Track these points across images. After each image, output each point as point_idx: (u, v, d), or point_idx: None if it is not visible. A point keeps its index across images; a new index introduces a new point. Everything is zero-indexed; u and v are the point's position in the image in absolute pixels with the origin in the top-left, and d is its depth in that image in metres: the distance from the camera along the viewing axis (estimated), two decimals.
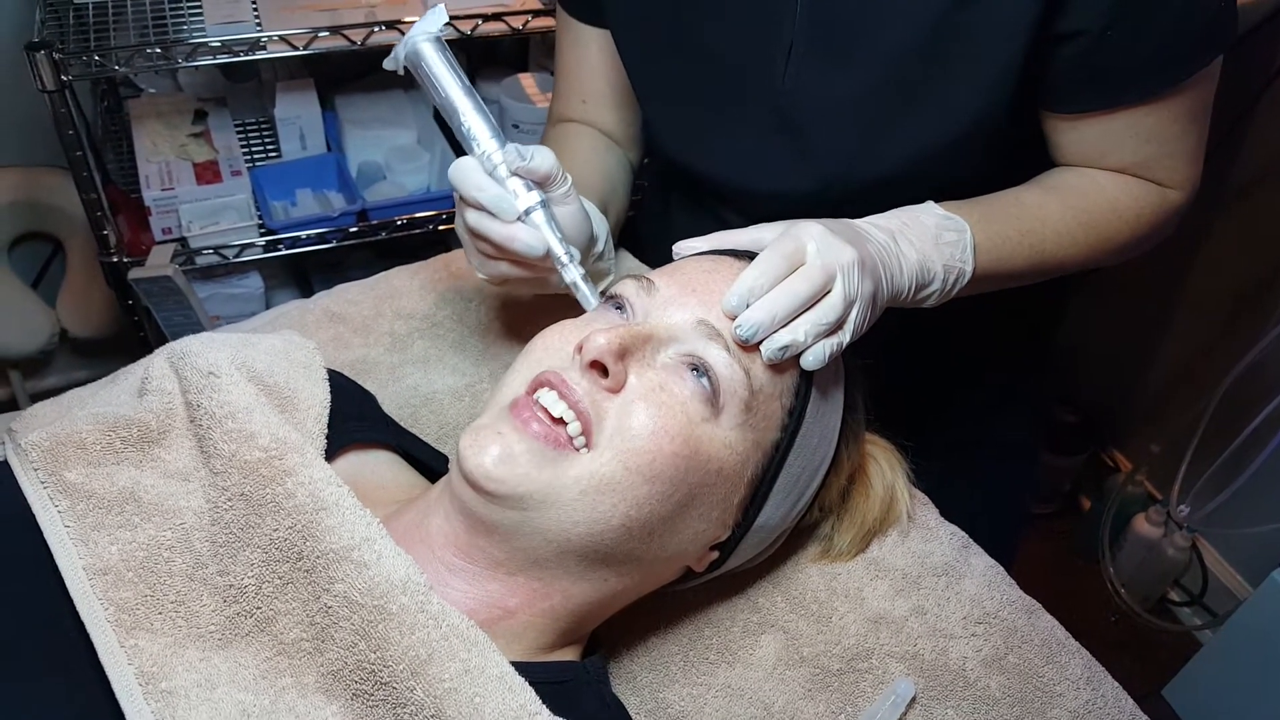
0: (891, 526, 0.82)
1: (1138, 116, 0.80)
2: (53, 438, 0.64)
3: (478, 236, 0.77)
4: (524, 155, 0.74)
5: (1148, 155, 0.82)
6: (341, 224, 1.66)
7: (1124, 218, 0.84)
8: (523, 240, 0.74)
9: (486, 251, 0.78)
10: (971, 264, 0.79)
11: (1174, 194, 0.85)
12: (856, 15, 0.79)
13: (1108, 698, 0.74)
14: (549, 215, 0.75)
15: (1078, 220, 0.83)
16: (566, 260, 0.75)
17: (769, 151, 0.88)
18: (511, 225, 0.74)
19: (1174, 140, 0.82)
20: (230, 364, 0.68)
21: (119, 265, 1.55)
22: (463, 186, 0.75)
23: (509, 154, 0.74)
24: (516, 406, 0.63)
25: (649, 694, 0.73)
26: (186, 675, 0.56)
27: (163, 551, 0.60)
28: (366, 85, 1.83)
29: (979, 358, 1.04)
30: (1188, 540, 1.91)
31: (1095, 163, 0.84)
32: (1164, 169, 0.83)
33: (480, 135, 0.76)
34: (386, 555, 0.58)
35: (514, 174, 0.75)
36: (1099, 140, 0.83)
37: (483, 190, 0.74)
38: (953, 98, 0.79)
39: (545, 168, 0.75)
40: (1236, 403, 1.71)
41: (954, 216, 0.79)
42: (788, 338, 0.65)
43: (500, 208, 0.74)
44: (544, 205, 0.75)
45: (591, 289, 0.75)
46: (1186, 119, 0.81)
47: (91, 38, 1.42)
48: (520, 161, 0.74)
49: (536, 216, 0.75)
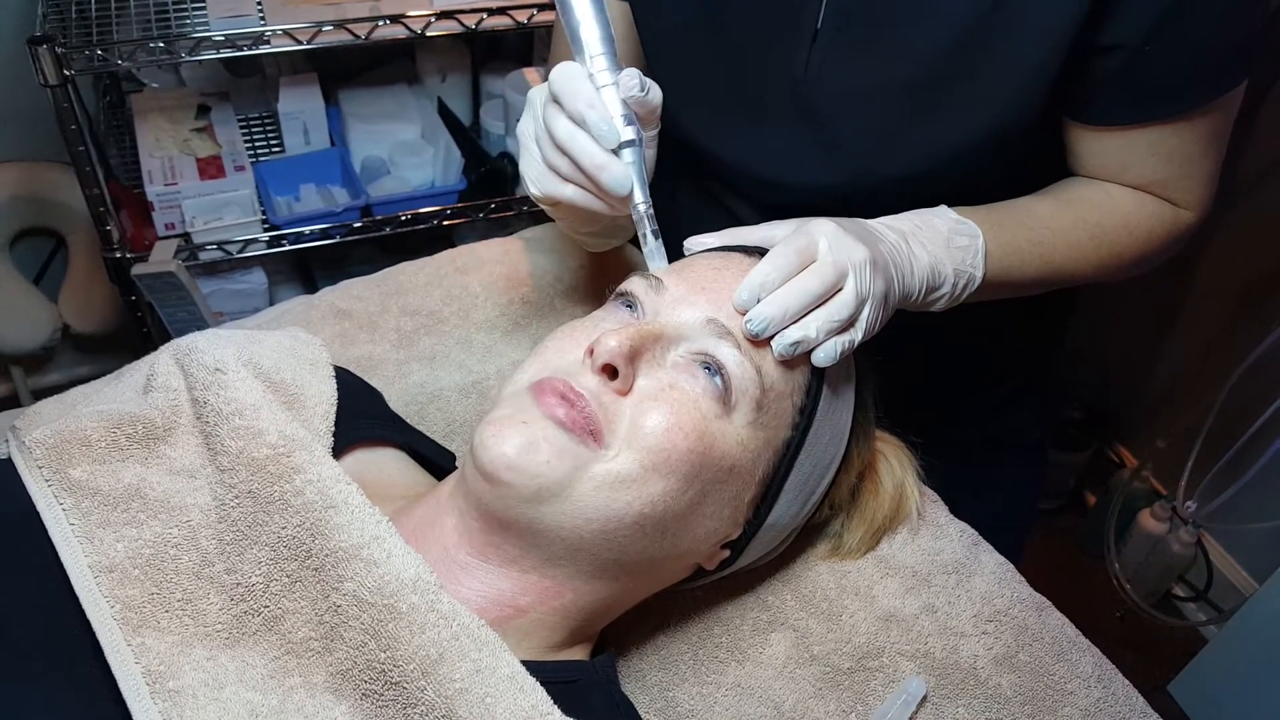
0: (901, 524, 0.81)
1: (1163, 135, 0.79)
2: (57, 435, 0.63)
3: (559, 150, 0.72)
4: (644, 86, 0.70)
5: (1167, 175, 0.81)
6: (345, 219, 1.65)
7: (1136, 235, 0.83)
8: (613, 174, 0.70)
9: (561, 169, 0.73)
10: (982, 270, 0.78)
11: (1186, 215, 0.84)
12: (885, 7, 0.77)
13: (1118, 695, 0.74)
14: (640, 156, 0.72)
15: (1089, 234, 0.82)
16: (644, 210, 0.72)
17: (786, 140, 0.86)
18: (606, 153, 0.70)
19: (1194, 161, 0.81)
20: (237, 360, 0.68)
21: (122, 261, 1.54)
22: (568, 95, 0.70)
23: (627, 79, 0.70)
24: (540, 389, 0.62)
25: (658, 692, 0.73)
26: (194, 674, 0.55)
27: (169, 549, 0.60)
28: (370, 80, 1.82)
29: (989, 356, 1.03)
30: (1193, 536, 1.91)
31: (1113, 176, 0.83)
32: (1180, 189, 0.82)
33: (592, 45, 0.72)
34: (396, 553, 0.58)
35: (624, 100, 0.71)
36: (1120, 154, 0.81)
37: (593, 107, 0.69)
38: (980, 100, 0.77)
39: (657, 104, 0.71)
40: (1242, 398, 1.71)
41: (967, 221, 0.78)
42: (799, 334, 0.65)
43: (602, 131, 0.69)
44: (639, 144, 0.71)
45: (660, 248, 0.72)
46: (1207, 140, 0.80)
47: (94, 32, 1.42)
48: (638, 92, 0.70)
49: (629, 154, 0.71)
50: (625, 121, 0.71)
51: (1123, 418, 2.18)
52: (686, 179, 1.02)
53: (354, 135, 1.75)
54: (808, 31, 0.81)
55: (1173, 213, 0.84)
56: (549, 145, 0.73)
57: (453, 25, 1.53)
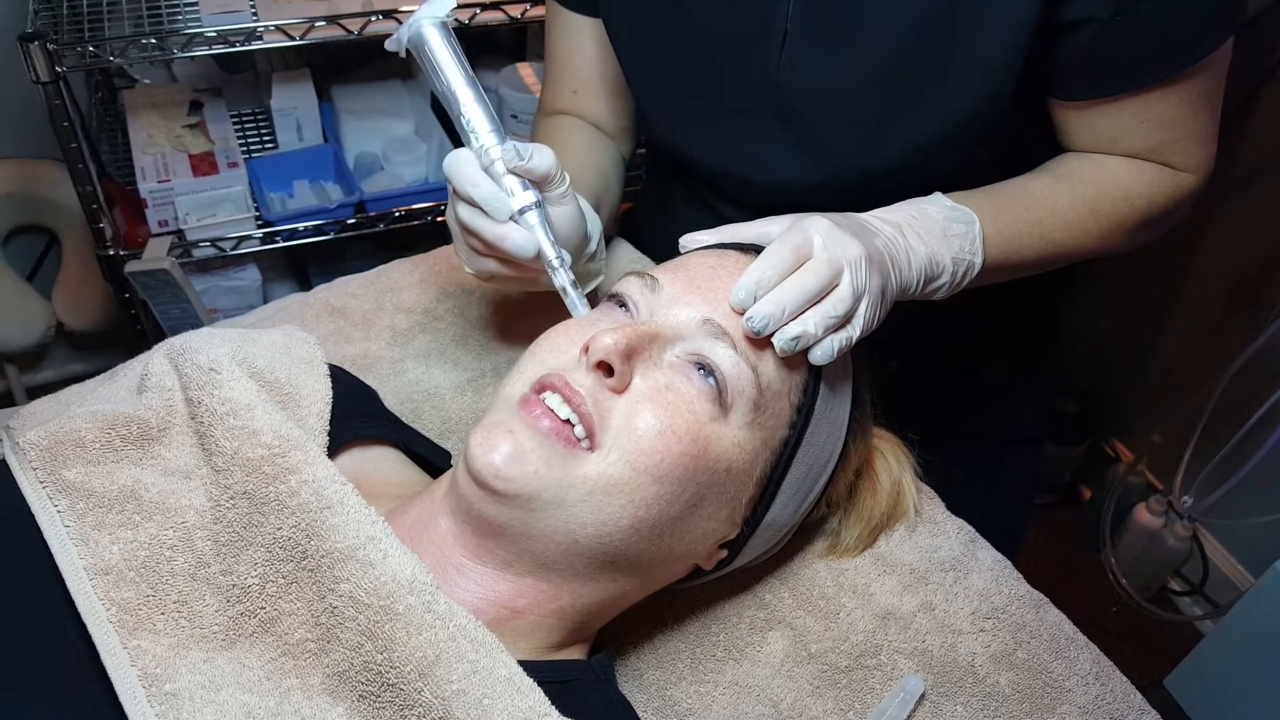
0: (899, 521, 0.81)
1: (1149, 102, 0.79)
2: (51, 436, 0.63)
3: (469, 232, 0.76)
4: (522, 154, 0.72)
5: (1160, 140, 0.81)
6: (339, 215, 1.65)
7: (1135, 204, 0.83)
8: (514, 241, 0.72)
9: (476, 247, 0.77)
10: (981, 256, 0.78)
11: (1187, 177, 0.84)
12: (851, 4, 0.78)
13: (1116, 692, 0.74)
14: (543, 216, 0.74)
15: (1088, 208, 0.82)
16: (557, 264, 0.74)
17: (766, 141, 0.87)
18: (504, 224, 0.73)
19: (1186, 123, 0.81)
20: (231, 360, 0.67)
21: (115, 258, 1.54)
22: (457, 180, 0.73)
23: (507, 151, 0.73)
24: (526, 403, 0.62)
25: (656, 691, 0.73)
26: (190, 677, 0.55)
27: (165, 551, 0.59)
28: (363, 75, 1.81)
29: (984, 351, 1.03)
30: (1189, 530, 1.91)
31: (1107, 149, 0.83)
32: (1177, 153, 0.82)
33: (479, 128, 0.74)
34: (392, 554, 0.57)
35: (511, 172, 0.73)
36: (1110, 127, 0.82)
37: (477, 186, 0.73)
38: (954, 87, 0.78)
39: (544, 168, 0.73)
40: (1239, 392, 1.71)
41: (962, 208, 0.78)
42: (798, 329, 0.64)
43: (493, 206, 0.72)
44: (539, 206, 0.74)
45: (580, 297, 0.74)
46: (1198, 101, 0.80)
47: (86, 28, 1.41)
48: (518, 160, 0.72)
49: (530, 217, 0.73)
50: (523, 186, 0.73)
51: (1118, 411, 2.18)
52: (678, 183, 1.02)
53: (347, 131, 1.74)
54: (778, 32, 0.81)
55: (1173, 177, 0.84)
56: (458, 230, 0.77)
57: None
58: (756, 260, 0.66)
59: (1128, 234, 0.85)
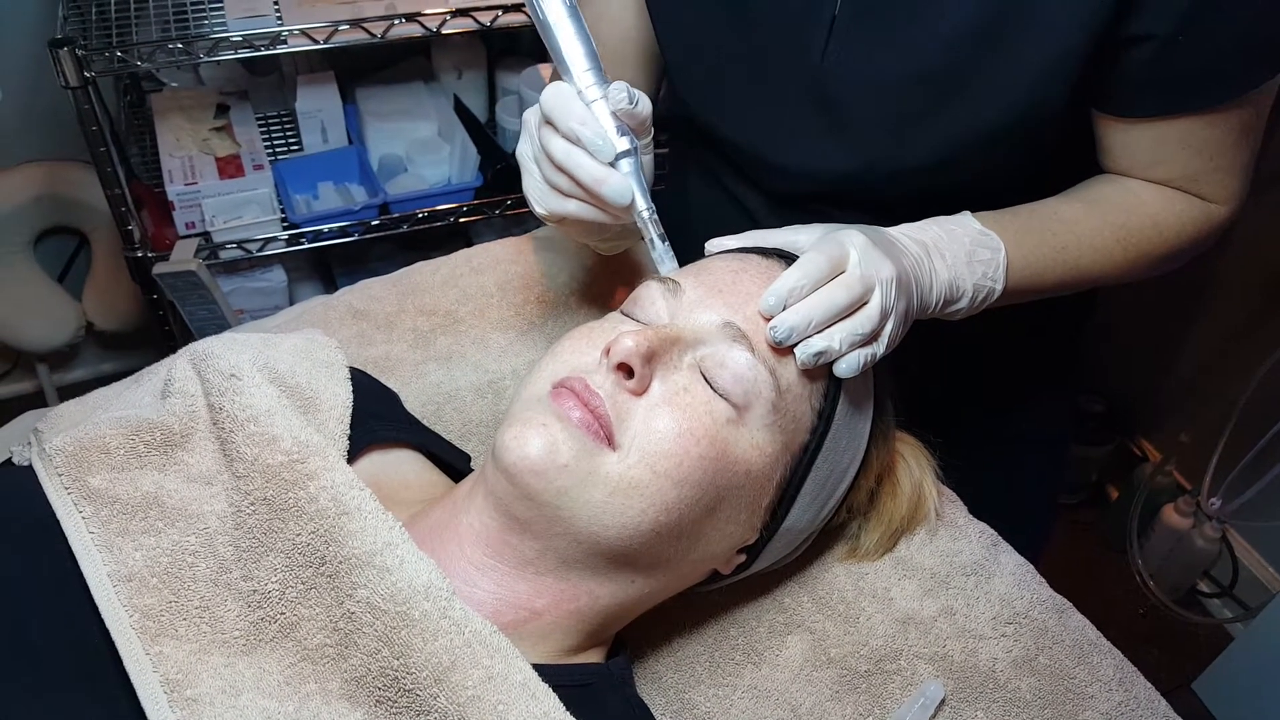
0: (919, 525, 0.81)
1: (1194, 127, 0.78)
2: (76, 442, 0.64)
3: (558, 168, 0.73)
4: (632, 98, 0.71)
5: (1198, 168, 0.80)
6: (363, 217, 1.66)
7: (1165, 234, 0.82)
8: (613, 185, 0.70)
9: (561, 186, 0.74)
10: (1002, 283, 0.77)
11: (1218, 209, 0.82)
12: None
13: (1140, 699, 0.73)
14: (637, 164, 0.72)
15: (1116, 236, 0.81)
16: (649, 216, 0.73)
17: (802, 127, 0.85)
18: (604, 167, 0.71)
19: (1226, 153, 0.79)
20: (252, 366, 0.68)
21: (143, 260, 1.55)
22: (559, 114, 0.71)
23: (615, 93, 0.70)
24: (558, 395, 0.62)
25: (674, 695, 0.73)
26: (211, 682, 0.55)
27: (186, 557, 0.60)
28: (387, 78, 1.82)
29: (1008, 351, 1.02)
30: (1217, 531, 1.89)
31: (1143, 170, 0.81)
32: (1211, 184, 0.81)
33: (577, 64, 0.72)
34: (409, 560, 0.58)
35: (613, 114, 0.71)
36: (1150, 147, 0.80)
37: (585, 124, 0.70)
38: (999, 92, 0.76)
39: (646, 114, 0.72)
40: (1269, 392, 1.69)
41: (990, 233, 0.77)
42: (823, 344, 0.64)
43: (598, 146, 0.70)
44: (635, 153, 0.72)
45: (668, 250, 0.73)
46: (1240, 133, 0.79)
47: (114, 33, 1.42)
48: (626, 104, 0.71)
49: (625, 164, 0.71)
50: (619, 133, 0.71)
51: (1145, 411, 2.16)
52: (697, 170, 1.01)
53: (371, 133, 1.75)
54: (826, 19, 0.80)
55: (1203, 208, 0.82)
56: (548, 165, 0.74)
57: (468, 23, 1.53)
58: (791, 268, 0.66)
59: (1154, 264, 0.83)
